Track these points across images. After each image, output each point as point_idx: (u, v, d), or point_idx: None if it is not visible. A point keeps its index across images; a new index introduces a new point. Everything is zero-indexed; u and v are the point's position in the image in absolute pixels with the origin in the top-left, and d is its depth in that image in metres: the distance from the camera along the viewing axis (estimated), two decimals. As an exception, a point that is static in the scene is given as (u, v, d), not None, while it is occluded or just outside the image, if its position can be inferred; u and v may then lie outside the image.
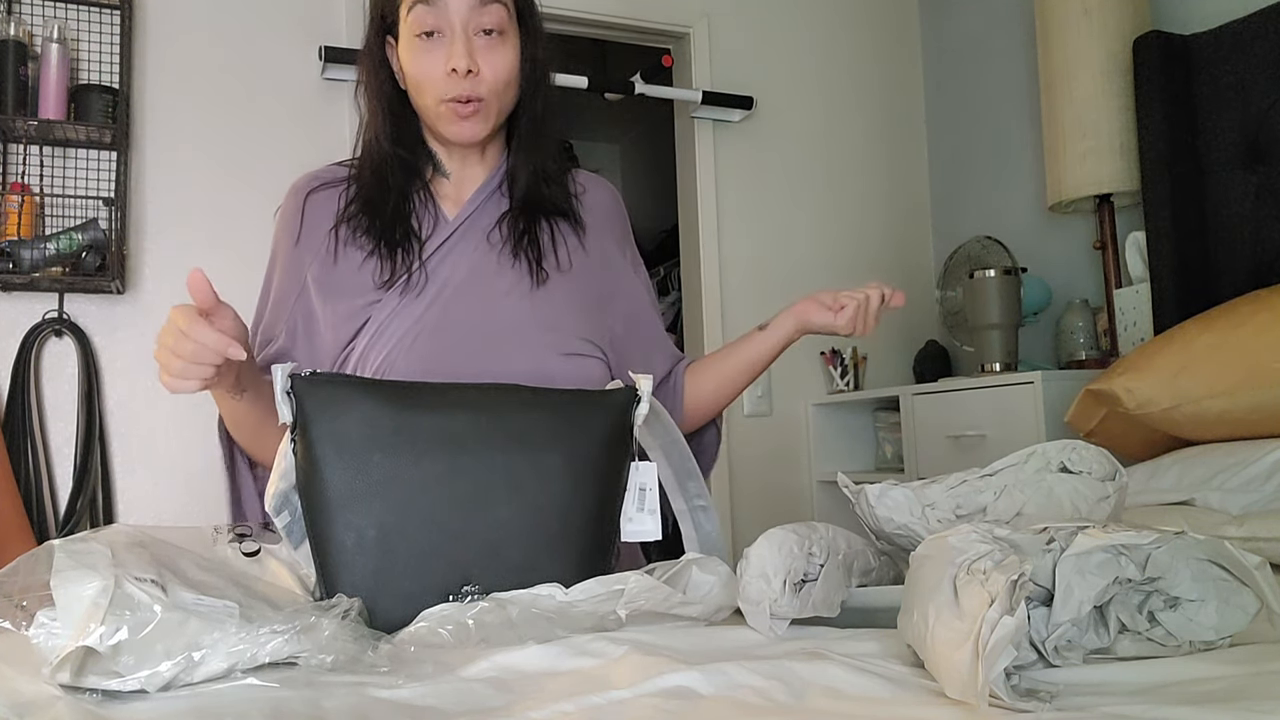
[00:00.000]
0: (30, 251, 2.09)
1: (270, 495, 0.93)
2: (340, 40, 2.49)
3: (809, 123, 3.06)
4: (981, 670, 0.59)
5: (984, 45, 3.01)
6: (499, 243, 1.21)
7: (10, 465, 2.07)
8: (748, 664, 0.71)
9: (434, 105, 1.16)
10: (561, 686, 0.69)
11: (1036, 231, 2.79)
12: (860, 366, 2.93)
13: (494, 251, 1.21)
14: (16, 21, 2.16)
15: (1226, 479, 1.53)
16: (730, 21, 2.99)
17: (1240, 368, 1.62)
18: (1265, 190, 2.03)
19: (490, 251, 1.21)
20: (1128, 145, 2.30)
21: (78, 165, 2.24)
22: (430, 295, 1.16)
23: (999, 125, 2.95)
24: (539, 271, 1.20)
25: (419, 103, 1.19)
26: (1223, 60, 2.11)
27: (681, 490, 1.10)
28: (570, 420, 0.97)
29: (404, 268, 1.16)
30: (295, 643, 0.72)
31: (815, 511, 2.90)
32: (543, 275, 1.20)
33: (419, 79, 1.16)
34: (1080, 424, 1.90)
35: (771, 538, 0.85)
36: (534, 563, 0.91)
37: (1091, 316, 2.55)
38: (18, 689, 0.67)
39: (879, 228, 3.12)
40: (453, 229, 1.21)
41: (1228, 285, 2.07)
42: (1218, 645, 0.72)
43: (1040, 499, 0.90)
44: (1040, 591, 0.70)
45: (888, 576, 0.96)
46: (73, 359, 2.21)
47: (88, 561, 0.70)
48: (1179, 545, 0.71)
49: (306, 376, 0.91)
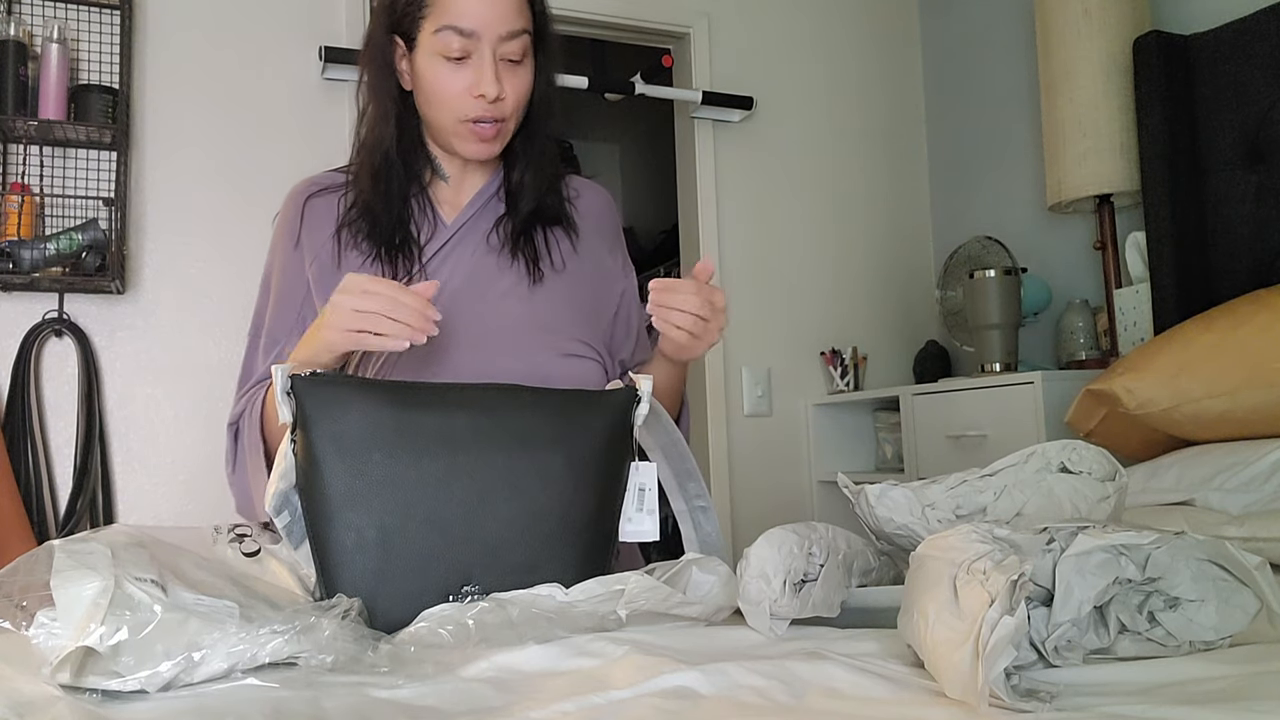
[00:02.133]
0: (30, 251, 2.09)
1: (270, 495, 0.93)
2: (340, 40, 2.48)
3: (809, 123, 3.06)
4: (981, 670, 0.59)
5: (984, 45, 3.01)
6: (497, 245, 1.22)
7: (10, 465, 2.07)
8: (748, 664, 0.71)
9: (452, 123, 1.17)
10: (561, 686, 0.69)
11: (1036, 231, 2.79)
12: (860, 366, 2.93)
13: (492, 254, 1.21)
14: (16, 21, 2.16)
15: (1226, 479, 1.53)
16: (730, 21, 2.99)
17: (1240, 368, 1.62)
18: (1265, 190, 2.03)
19: (488, 254, 1.21)
20: (1128, 145, 2.30)
21: (78, 165, 2.24)
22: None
23: (999, 125, 2.95)
24: (535, 271, 1.20)
25: (432, 115, 1.19)
26: (1223, 60, 2.11)
27: (681, 490, 1.10)
28: (571, 420, 0.97)
29: (404, 272, 1.17)
30: (295, 643, 0.72)
31: (815, 511, 2.90)
32: (539, 274, 1.21)
33: (439, 96, 1.16)
34: (1080, 424, 1.90)
35: (771, 538, 0.85)
36: (534, 563, 0.91)
37: (1091, 316, 2.55)
38: (18, 689, 0.67)
39: (879, 227, 3.13)
40: (451, 233, 1.21)
41: (1228, 285, 2.07)
42: (1218, 645, 0.72)
43: (1040, 499, 0.90)
44: (1040, 591, 0.70)
45: (888, 576, 0.96)
46: (73, 359, 2.21)
47: (88, 561, 0.70)
48: (1179, 545, 0.71)
49: (307, 377, 0.92)
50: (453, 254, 1.21)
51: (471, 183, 1.26)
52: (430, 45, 1.15)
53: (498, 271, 1.20)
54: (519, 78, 1.17)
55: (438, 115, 1.18)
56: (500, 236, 1.23)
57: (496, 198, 1.25)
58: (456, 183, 1.25)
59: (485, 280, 1.20)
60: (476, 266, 1.20)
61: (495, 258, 1.21)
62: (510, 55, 1.16)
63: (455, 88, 1.15)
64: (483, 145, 1.18)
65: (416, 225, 1.21)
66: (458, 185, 1.25)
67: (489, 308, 1.18)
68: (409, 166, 1.22)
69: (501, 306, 1.18)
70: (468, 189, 1.25)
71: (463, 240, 1.22)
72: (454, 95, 1.15)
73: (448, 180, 1.25)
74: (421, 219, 1.22)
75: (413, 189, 1.22)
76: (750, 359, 2.89)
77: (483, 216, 1.24)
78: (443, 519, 0.90)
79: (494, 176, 1.26)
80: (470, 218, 1.23)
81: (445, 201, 1.25)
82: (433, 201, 1.24)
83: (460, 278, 1.19)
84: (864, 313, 3.07)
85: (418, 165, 1.23)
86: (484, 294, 1.19)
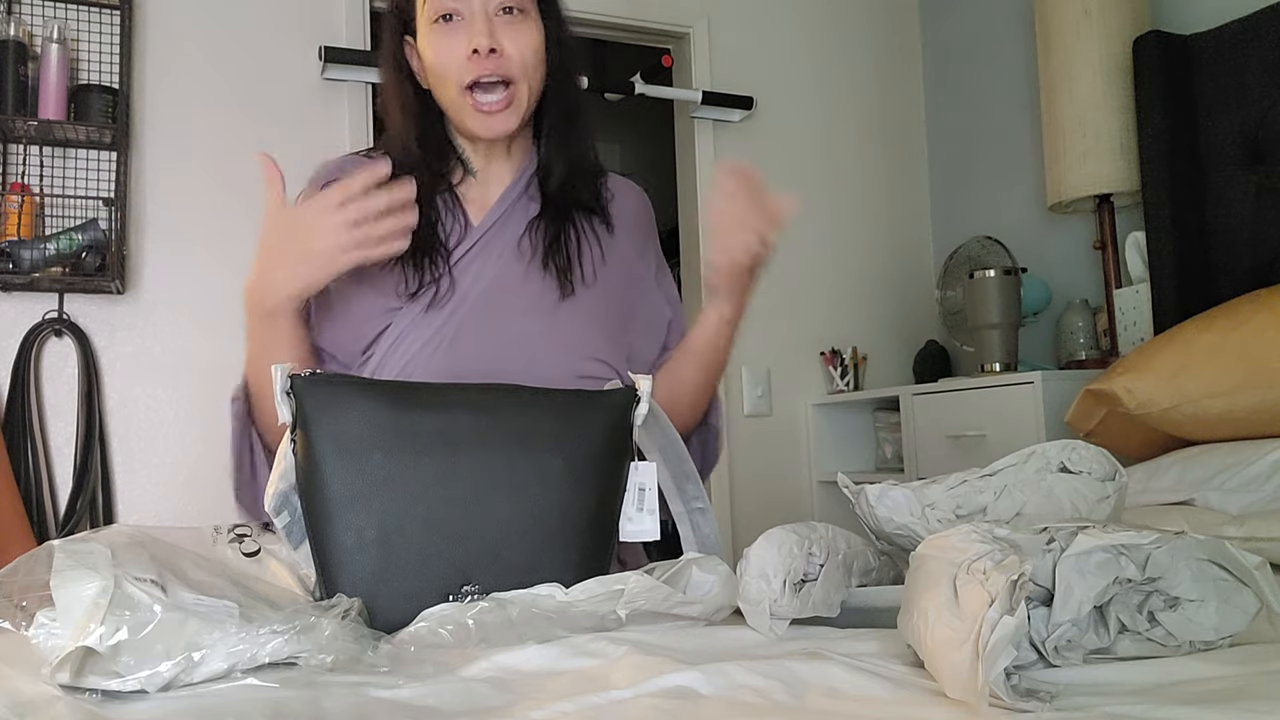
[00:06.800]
0: (30, 251, 2.09)
1: (270, 495, 0.93)
2: (340, 40, 2.49)
3: (809, 123, 3.06)
4: (981, 670, 0.59)
5: (984, 45, 3.01)
6: (529, 252, 1.17)
7: (10, 465, 2.07)
8: (748, 664, 0.71)
9: (457, 95, 1.12)
10: (561, 686, 0.69)
11: (1036, 231, 2.79)
12: (860, 366, 2.93)
13: (522, 262, 1.17)
14: (16, 21, 2.16)
15: (1226, 479, 1.53)
16: (730, 21, 2.99)
17: (1240, 368, 1.62)
18: (1265, 190, 2.03)
19: (517, 262, 1.17)
20: (1128, 145, 2.30)
21: (78, 165, 2.24)
22: (450, 308, 1.14)
23: (999, 125, 2.95)
24: (566, 284, 1.16)
25: (442, 96, 1.15)
26: (1223, 60, 2.11)
27: (679, 492, 1.09)
28: (570, 420, 0.97)
29: (430, 279, 1.13)
30: (295, 643, 0.72)
31: (815, 511, 2.90)
32: (568, 288, 1.16)
33: (440, 66, 1.12)
34: (1080, 424, 1.90)
35: (771, 538, 0.85)
36: (534, 563, 0.91)
37: (1091, 316, 2.55)
38: (18, 689, 0.67)
39: (879, 228, 3.12)
40: (478, 236, 1.17)
41: (1228, 285, 2.07)
42: (1218, 645, 0.72)
43: (1040, 499, 0.90)
44: (1040, 591, 0.70)
45: (888, 576, 0.96)
46: (73, 359, 2.21)
47: (88, 562, 0.70)
48: (1179, 545, 0.71)
49: (306, 376, 0.91)
50: (478, 259, 1.16)
51: (499, 178, 1.21)
52: (425, 16, 1.12)
53: (523, 281, 1.16)
54: (520, 32, 1.12)
55: (444, 92, 1.14)
56: (531, 242, 1.18)
57: (526, 194, 1.21)
58: (484, 178, 1.21)
59: (509, 291, 1.15)
60: (501, 273, 1.16)
61: (523, 266, 1.17)
62: (505, 4, 1.11)
63: (452, 53, 1.11)
64: (491, 119, 1.12)
65: (444, 227, 1.17)
66: (485, 181, 1.21)
67: (508, 323, 1.14)
68: (433, 166, 1.18)
69: (521, 323, 1.14)
70: (495, 186, 1.21)
71: (488, 245, 1.17)
72: (452, 62, 1.11)
73: (476, 175, 1.21)
74: (449, 220, 1.18)
75: (439, 187, 1.18)
76: (750, 359, 2.89)
77: (511, 217, 1.19)
78: (442, 519, 0.89)
79: (523, 171, 1.21)
80: (498, 219, 1.19)
81: (473, 200, 1.20)
82: (461, 201, 1.20)
83: (483, 285, 1.15)
84: (864, 313, 3.07)
85: (444, 163, 1.19)
86: (505, 308, 1.15)
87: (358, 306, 1.15)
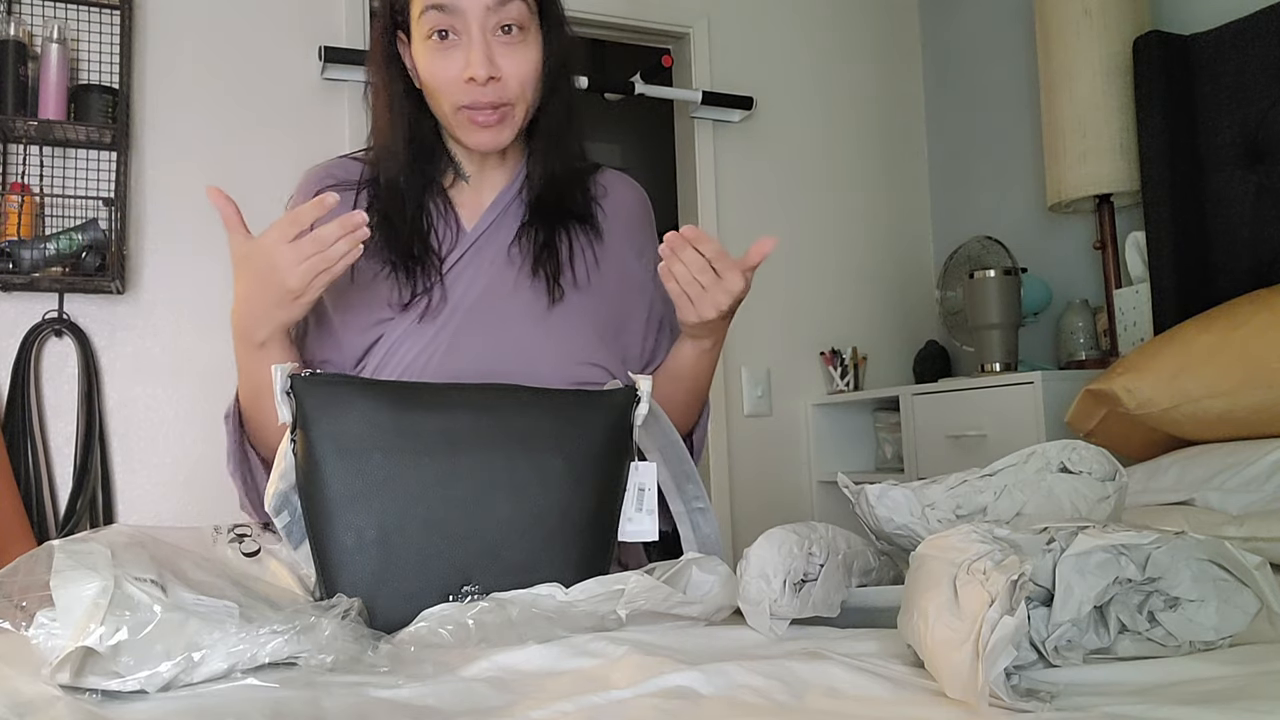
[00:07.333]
0: (30, 251, 2.09)
1: (270, 495, 0.93)
2: (340, 40, 2.48)
3: (809, 123, 3.06)
4: (981, 670, 0.59)
5: (984, 45, 3.01)
6: (519, 258, 1.16)
7: (10, 465, 2.07)
8: (748, 664, 0.71)
9: (451, 113, 1.10)
10: (561, 686, 0.69)
11: (1036, 231, 2.79)
12: (860, 366, 2.93)
13: (512, 268, 1.16)
14: (16, 21, 2.16)
15: (1226, 479, 1.53)
16: (730, 21, 2.99)
17: (1240, 368, 1.62)
18: (1265, 190, 2.03)
19: (508, 268, 1.16)
20: (1128, 145, 2.30)
21: (77, 165, 2.24)
22: (443, 318, 1.12)
23: (999, 125, 2.95)
24: (556, 289, 1.14)
25: (434, 106, 1.13)
26: (1223, 60, 2.11)
27: (679, 492, 1.09)
28: (570, 420, 0.97)
29: (423, 288, 1.12)
30: (295, 643, 0.72)
31: (815, 511, 2.90)
32: (559, 293, 1.15)
33: (435, 85, 1.10)
34: (1080, 424, 1.90)
35: (771, 538, 0.85)
36: (534, 563, 0.91)
37: (1091, 316, 2.55)
38: (18, 689, 0.67)
39: (879, 228, 3.13)
40: (470, 242, 1.16)
41: (1228, 285, 2.07)
42: (1218, 645, 0.71)
43: (1040, 499, 0.90)
44: (1040, 591, 0.70)
45: (888, 576, 0.96)
46: (73, 359, 2.21)
47: (88, 562, 0.70)
48: (1179, 545, 0.71)
49: (306, 377, 0.92)
50: (470, 266, 1.15)
51: (491, 183, 1.20)
52: (420, 30, 1.09)
53: (514, 288, 1.15)
54: (519, 54, 1.09)
55: (438, 105, 1.12)
56: (522, 249, 1.16)
57: (519, 200, 1.19)
58: (477, 183, 1.19)
59: (501, 297, 1.14)
60: (493, 280, 1.15)
61: (514, 272, 1.15)
62: (504, 22, 1.07)
63: (447, 73, 1.07)
64: (485, 133, 1.10)
65: (437, 234, 1.15)
66: (478, 186, 1.19)
67: (502, 331, 1.13)
68: (425, 170, 1.16)
69: (515, 330, 1.13)
70: (488, 191, 1.19)
71: (480, 251, 1.16)
72: (447, 81, 1.08)
73: (469, 180, 1.19)
74: (441, 225, 1.16)
75: (431, 192, 1.16)
76: (750, 359, 2.89)
77: (503, 224, 1.18)
78: (442, 519, 0.89)
79: (515, 176, 1.20)
80: (489, 225, 1.17)
81: (465, 205, 1.19)
82: (453, 205, 1.18)
83: (476, 292, 1.14)
84: (864, 313, 3.07)
85: (436, 167, 1.17)
86: (498, 315, 1.14)
87: (349, 320, 1.14)
